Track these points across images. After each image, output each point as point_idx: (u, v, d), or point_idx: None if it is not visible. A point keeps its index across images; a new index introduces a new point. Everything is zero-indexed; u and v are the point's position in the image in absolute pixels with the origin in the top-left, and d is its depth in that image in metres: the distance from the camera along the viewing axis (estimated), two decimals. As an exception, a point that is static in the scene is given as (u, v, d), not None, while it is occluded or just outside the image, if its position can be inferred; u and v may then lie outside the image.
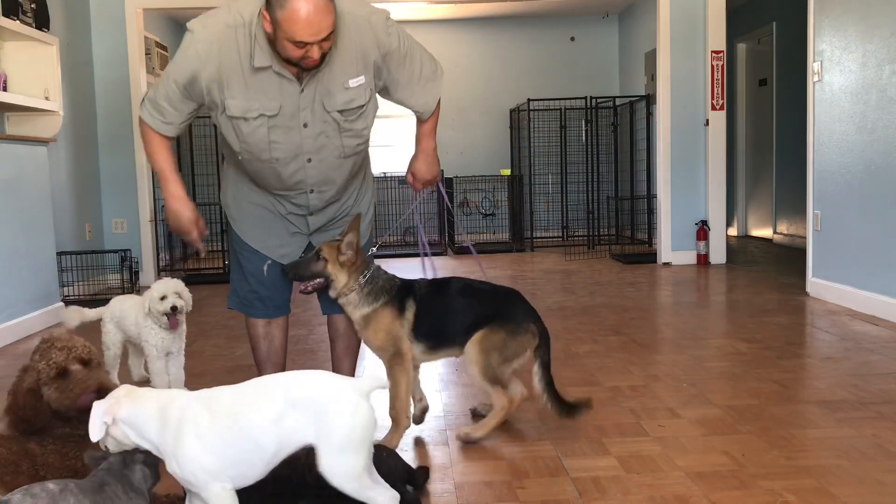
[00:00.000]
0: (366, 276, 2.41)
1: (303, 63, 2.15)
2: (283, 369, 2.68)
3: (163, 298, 2.85)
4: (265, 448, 1.65)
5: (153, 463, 1.70)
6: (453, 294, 2.48)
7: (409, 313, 2.40)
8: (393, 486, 1.80)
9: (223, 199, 2.61)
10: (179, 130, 2.38)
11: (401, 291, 2.44)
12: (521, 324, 2.42)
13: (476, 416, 2.63)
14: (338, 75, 2.25)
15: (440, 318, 2.43)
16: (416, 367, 2.54)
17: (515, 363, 2.42)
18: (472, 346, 2.40)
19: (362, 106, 2.32)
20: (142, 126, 2.37)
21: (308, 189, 2.41)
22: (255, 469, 1.67)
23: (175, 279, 2.94)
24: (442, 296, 2.48)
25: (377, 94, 2.41)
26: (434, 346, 2.44)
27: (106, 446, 1.70)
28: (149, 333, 2.90)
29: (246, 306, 2.60)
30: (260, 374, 2.65)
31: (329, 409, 1.63)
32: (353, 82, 2.27)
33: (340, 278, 2.39)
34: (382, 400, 2.92)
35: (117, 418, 1.64)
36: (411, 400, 2.49)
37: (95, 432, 1.64)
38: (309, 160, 2.34)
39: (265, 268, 2.55)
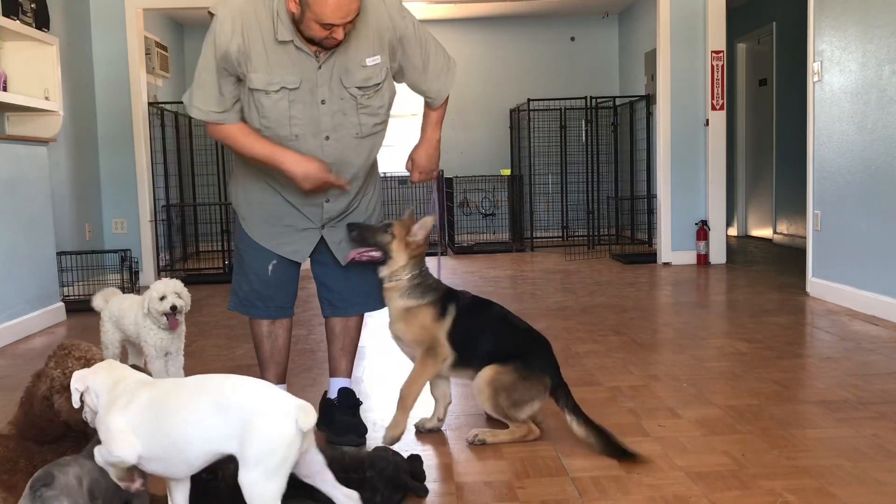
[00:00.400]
0: (420, 270, 2.43)
1: (325, 42, 2.20)
2: (285, 369, 2.69)
3: (162, 298, 2.85)
4: (183, 449, 1.59)
5: None
6: (491, 317, 2.48)
7: (449, 318, 2.41)
8: (401, 482, 1.85)
9: (233, 198, 2.60)
10: (240, 113, 2.35)
11: (446, 296, 2.45)
12: (535, 372, 2.39)
13: (490, 418, 2.59)
14: (355, 53, 2.30)
15: (472, 334, 2.43)
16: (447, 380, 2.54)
17: (527, 409, 2.38)
18: (481, 380, 2.38)
19: (378, 84, 2.35)
20: (213, 129, 2.36)
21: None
22: (176, 468, 1.63)
23: (174, 279, 2.94)
24: (480, 315, 2.48)
25: (394, 80, 2.44)
26: (456, 360, 2.43)
27: (86, 417, 1.73)
28: (147, 333, 2.90)
29: (246, 306, 2.60)
30: (262, 373, 2.65)
31: (255, 422, 1.55)
32: (370, 61, 2.31)
33: (399, 259, 2.40)
34: (379, 401, 2.92)
35: (89, 386, 1.69)
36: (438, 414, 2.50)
37: (74, 399, 1.70)
38: (327, 138, 2.34)
39: (270, 267, 2.54)
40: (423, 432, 2.52)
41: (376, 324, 4.39)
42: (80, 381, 1.70)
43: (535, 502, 1.99)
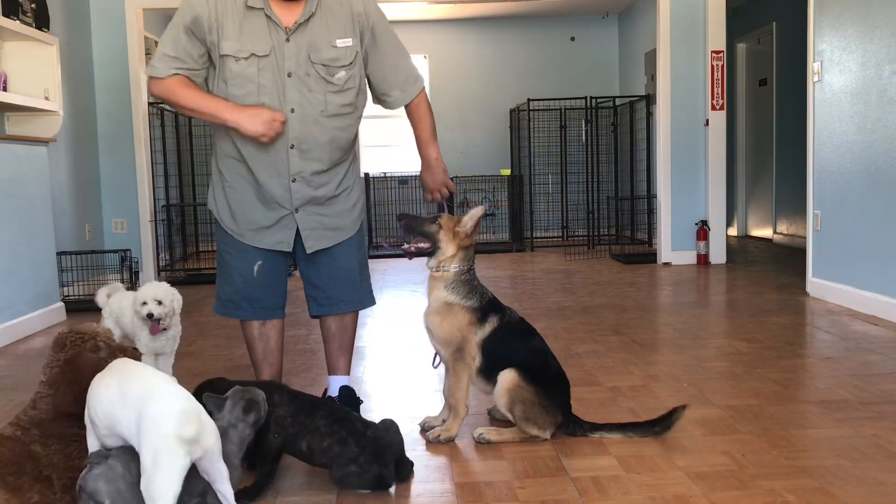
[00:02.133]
0: (470, 269, 2.43)
1: None
2: (280, 370, 2.68)
3: (143, 304, 2.85)
4: (114, 427, 1.70)
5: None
6: (530, 343, 2.47)
7: (489, 327, 2.40)
8: (394, 457, 1.98)
9: (212, 203, 2.61)
10: (198, 76, 2.40)
11: (491, 304, 2.44)
12: (553, 407, 2.39)
13: (492, 417, 2.61)
14: (326, 34, 2.35)
15: (506, 351, 2.41)
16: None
17: (535, 429, 2.38)
18: (501, 386, 2.36)
19: (347, 65, 2.39)
20: (160, 85, 2.38)
21: (289, 144, 2.39)
22: (118, 442, 1.73)
23: (163, 283, 2.93)
24: (522, 337, 2.47)
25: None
26: (483, 370, 2.42)
27: None
28: (140, 333, 2.92)
29: (231, 308, 2.59)
30: (257, 374, 2.66)
31: (142, 415, 1.61)
32: (340, 42, 2.37)
33: (448, 249, 2.40)
34: (380, 401, 2.92)
35: None
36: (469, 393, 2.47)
37: None
38: (292, 111, 2.37)
39: (255, 267, 2.54)
40: (427, 430, 2.52)
41: (376, 324, 4.39)
42: None
43: (535, 502, 1.99)
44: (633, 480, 2.10)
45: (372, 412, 2.76)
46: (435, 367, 2.58)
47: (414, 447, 2.41)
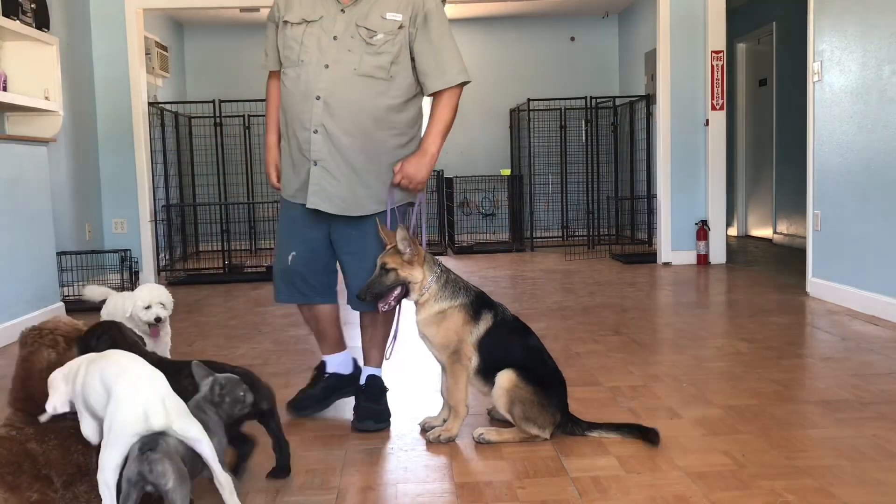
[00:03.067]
0: (440, 269, 2.45)
1: None
2: (337, 340, 2.81)
3: (147, 307, 2.85)
4: (94, 409, 1.83)
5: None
6: (526, 342, 2.48)
7: (483, 326, 2.42)
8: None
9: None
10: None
11: (480, 300, 2.46)
12: (551, 406, 2.40)
13: (492, 417, 2.61)
14: (379, 8, 2.51)
15: (502, 350, 2.42)
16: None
17: (535, 429, 2.38)
18: (500, 387, 2.37)
19: (388, 32, 2.50)
20: (269, 82, 2.75)
21: (315, 95, 2.49)
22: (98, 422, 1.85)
23: (159, 286, 2.94)
24: (517, 336, 2.48)
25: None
26: (480, 370, 2.43)
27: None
28: None
29: (275, 289, 2.75)
30: (319, 345, 2.89)
31: (113, 392, 1.77)
32: (390, 15, 2.51)
33: (416, 275, 2.41)
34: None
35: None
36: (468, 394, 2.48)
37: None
38: (326, 66, 2.50)
39: (290, 258, 2.66)
40: (428, 430, 2.52)
41: (376, 324, 4.40)
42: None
43: (535, 502, 1.99)
44: (633, 480, 2.10)
45: (372, 412, 2.76)
46: (387, 360, 2.67)
47: (414, 447, 2.41)
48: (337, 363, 2.81)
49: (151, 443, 1.70)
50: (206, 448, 1.79)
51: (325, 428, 2.61)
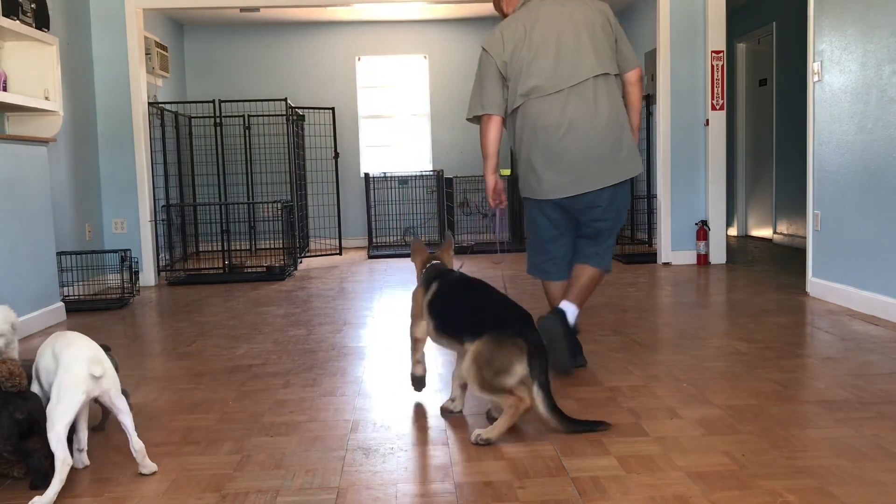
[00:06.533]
0: (431, 264, 2.87)
1: None
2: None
3: None
4: (49, 379, 2.16)
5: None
6: (471, 290, 2.66)
7: (430, 292, 2.72)
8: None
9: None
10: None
11: (431, 273, 2.79)
12: (508, 336, 2.41)
13: (490, 418, 2.61)
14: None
15: (448, 304, 2.67)
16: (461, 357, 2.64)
17: (511, 376, 2.38)
18: (466, 361, 2.46)
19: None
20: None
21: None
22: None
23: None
24: (460, 288, 2.69)
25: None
26: (439, 328, 2.67)
27: None
28: None
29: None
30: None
31: (63, 357, 2.11)
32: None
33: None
34: (379, 401, 2.92)
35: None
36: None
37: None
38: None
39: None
40: (447, 417, 2.65)
41: (377, 324, 4.40)
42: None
43: (535, 502, 1.99)
44: (633, 480, 2.10)
45: (371, 411, 2.76)
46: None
47: (414, 447, 2.41)
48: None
49: None
50: (128, 420, 2.17)
51: (325, 428, 2.61)
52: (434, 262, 2.84)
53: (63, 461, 2.00)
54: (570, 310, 3.11)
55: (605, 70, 3.09)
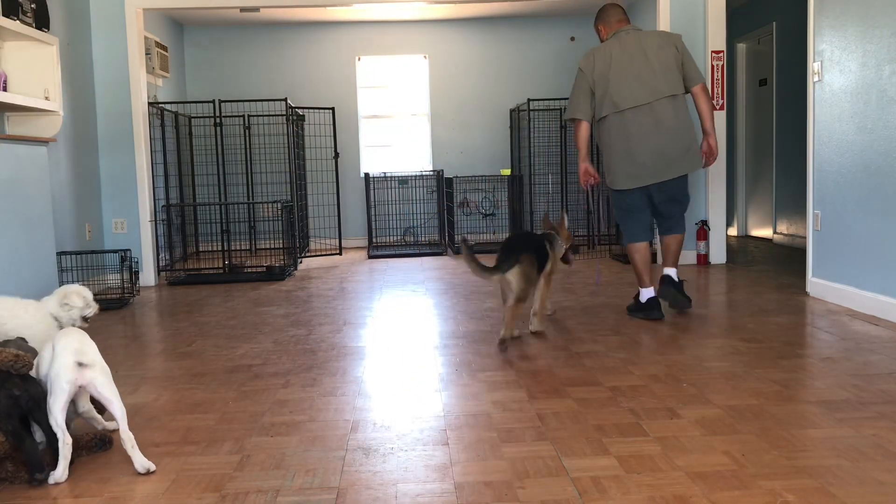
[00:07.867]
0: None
1: None
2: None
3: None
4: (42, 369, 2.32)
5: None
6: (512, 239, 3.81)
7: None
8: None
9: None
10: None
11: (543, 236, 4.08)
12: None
13: (503, 342, 3.56)
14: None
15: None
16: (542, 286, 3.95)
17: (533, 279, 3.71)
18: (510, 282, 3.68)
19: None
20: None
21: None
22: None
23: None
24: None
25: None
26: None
27: None
28: None
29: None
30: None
31: (55, 351, 2.24)
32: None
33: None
34: (379, 401, 2.92)
35: None
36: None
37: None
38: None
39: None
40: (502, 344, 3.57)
41: (377, 324, 4.40)
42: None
43: (535, 502, 1.99)
44: (633, 480, 2.10)
45: (371, 411, 2.76)
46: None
47: (414, 447, 2.41)
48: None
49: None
50: (117, 410, 2.26)
51: (325, 428, 2.61)
52: (550, 231, 4.05)
53: (65, 443, 2.18)
54: (672, 272, 4.31)
55: (672, 92, 4.07)
